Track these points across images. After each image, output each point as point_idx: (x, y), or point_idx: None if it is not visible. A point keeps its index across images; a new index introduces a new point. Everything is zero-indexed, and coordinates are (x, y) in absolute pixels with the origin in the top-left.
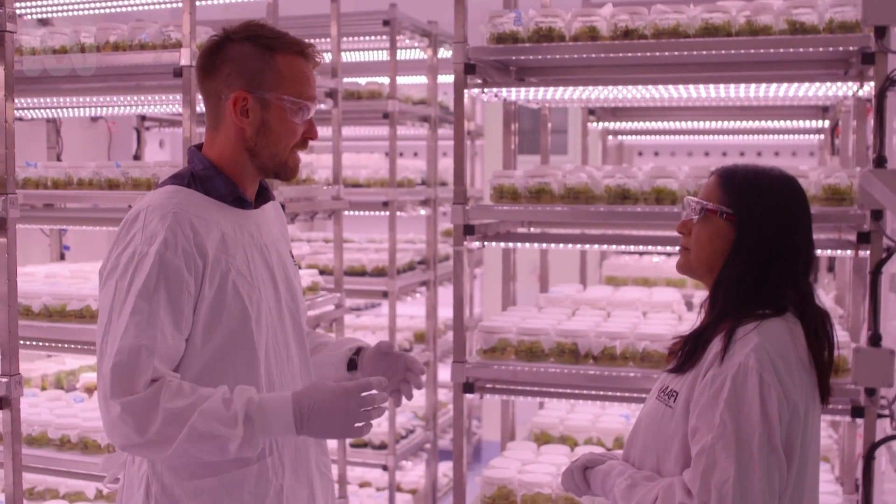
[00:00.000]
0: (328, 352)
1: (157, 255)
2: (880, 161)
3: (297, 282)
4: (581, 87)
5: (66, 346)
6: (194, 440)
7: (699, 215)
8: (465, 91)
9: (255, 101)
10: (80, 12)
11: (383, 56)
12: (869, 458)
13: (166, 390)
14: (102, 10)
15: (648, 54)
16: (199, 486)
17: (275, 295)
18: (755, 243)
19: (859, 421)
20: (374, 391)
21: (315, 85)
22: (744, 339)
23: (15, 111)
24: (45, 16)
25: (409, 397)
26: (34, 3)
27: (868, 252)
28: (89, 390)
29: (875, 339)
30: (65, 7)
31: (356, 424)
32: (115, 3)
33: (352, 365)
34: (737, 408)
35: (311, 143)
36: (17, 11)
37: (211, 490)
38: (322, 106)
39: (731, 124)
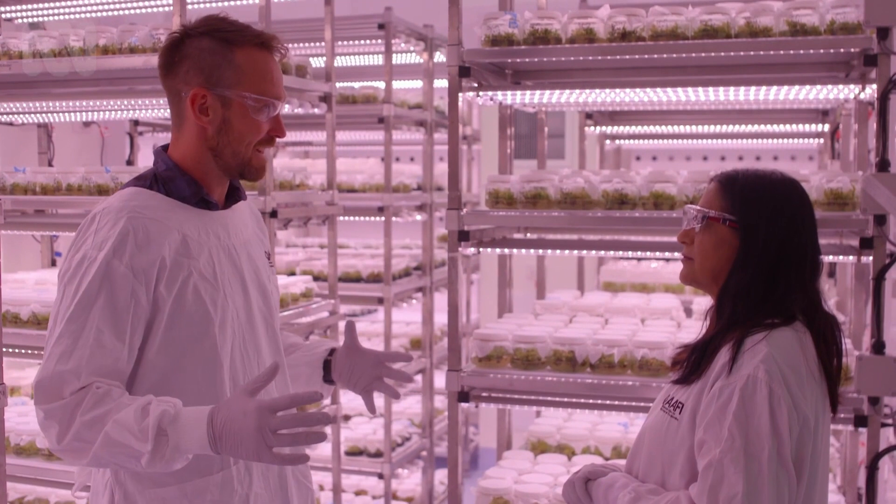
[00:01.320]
0: (303, 352)
1: (103, 262)
2: (883, 165)
3: (270, 284)
4: (578, 91)
5: None
6: (108, 447)
7: (701, 224)
8: (461, 95)
9: (214, 99)
10: (73, 16)
11: (378, 60)
12: (872, 468)
13: (90, 398)
14: (95, 14)
15: (646, 56)
16: (161, 494)
17: (244, 298)
18: (761, 250)
19: (862, 430)
20: (292, 410)
21: (280, 80)
22: (752, 350)
23: (5, 115)
24: (36, 20)
25: (395, 396)
26: (25, 7)
27: (871, 258)
28: None
29: (878, 347)
30: (56, 10)
31: (272, 448)
32: (107, 7)
33: (327, 367)
34: (745, 421)
35: (306, 148)
36: (8, 15)
37: (173, 498)
38: (316, 110)
39: (730, 128)
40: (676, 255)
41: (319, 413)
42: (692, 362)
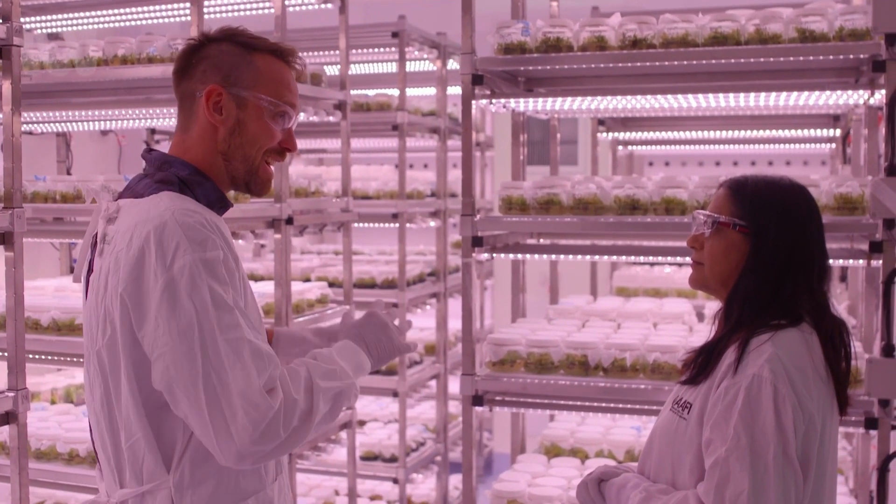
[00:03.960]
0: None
1: (210, 261)
2: (892, 170)
3: None
4: (590, 98)
5: (75, 359)
6: (330, 403)
7: (711, 229)
8: (474, 102)
9: (229, 98)
10: (90, 26)
11: (392, 68)
12: (883, 471)
13: (285, 390)
14: (112, 24)
15: (657, 64)
16: None
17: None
18: (771, 254)
19: (873, 432)
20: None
21: (297, 93)
22: (758, 350)
23: (25, 125)
24: (54, 30)
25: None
26: (44, 18)
27: (881, 262)
28: None
29: (889, 350)
30: (74, 21)
31: (402, 336)
32: (124, 17)
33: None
34: (751, 419)
35: (321, 155)
36: (28, 27)
37: None
38: (331, 118)
39: (742, 134)
40: (689, 260)
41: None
42: (699, 364)
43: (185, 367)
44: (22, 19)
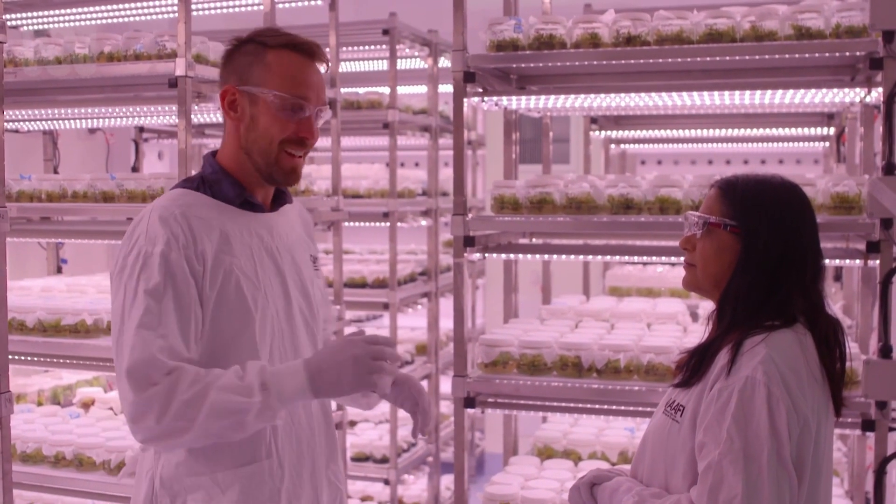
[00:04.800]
0: None
1: (161, 256)
2: (890, 168)
3: (313, 287)
4: (583, 95)
5: (61, 361)
6: (215, 416)
7: (702, 230)
8: (465, 100)
9: (242, 96)
10: (77, 23)
11: (383, 66)
12: (880, 473)
13: (185, 378)
14: (99, 21)
15: (651, 61)
16: (195, 482)
17: (285, 299)
18: (762, 254)
19: (870, 434)
20: (382, 346)
21: (315, 85)
22: (751, 352)
23: (11, 123)
24: (41, 27)
25: (414, 435)
26: (29, 15)
27: (878, 261)
28: (85, 405)
29: (886, 351)
30: (61, 18)
31: (371, 375)
32: (111, 14)
33: None
34: (744, 422)
35: (311, 153)
36: (14, 23)
37: (205, 486)
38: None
39: (735, 132)
40: (683, 259)
41: (395, 351)
42: (692, 366)
43: (112, 338)
44: (7, 15)
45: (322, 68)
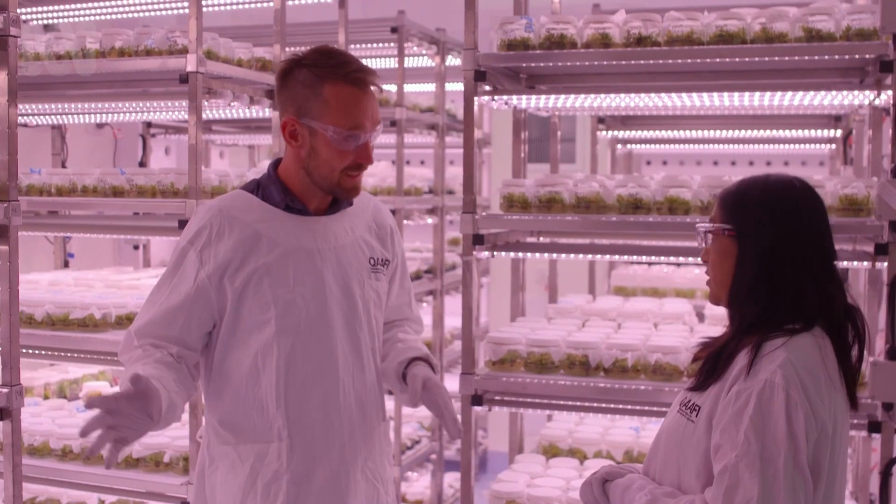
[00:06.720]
0: (389, 360)
1: (182, 249)
2: None
3: (363, 288)
4: (593, 95)
5: (68, 354)
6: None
7: (707, 241)
8: (475, 98)
9: (302, 128)
10: (87, 18)
11: (391, 63)
12: (886, 474)
13: (140, 353)
14: (109, 16)
15: (661, 62)
16: (223, 451)
17: (319, 299)
18: (759, 253)
19: (875, 436)
20: (95, 409)
21: (369, 112)
22: (771, 355)
23: (19, 117)
24: (51, 21)
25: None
26: (40, 9)
27: (885, 264)
28: None
29: (893, 353)
30: (71, 12)
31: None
32: (121, 9)
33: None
34: (762, 425)
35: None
36: (23, 17)
37: (228, 455)
38: None
39: (741, 133)
40: (690, 259)
41: (118, 420)
42: (706, 370)
43: None
44: (19, 10)
45: (376, 92)
